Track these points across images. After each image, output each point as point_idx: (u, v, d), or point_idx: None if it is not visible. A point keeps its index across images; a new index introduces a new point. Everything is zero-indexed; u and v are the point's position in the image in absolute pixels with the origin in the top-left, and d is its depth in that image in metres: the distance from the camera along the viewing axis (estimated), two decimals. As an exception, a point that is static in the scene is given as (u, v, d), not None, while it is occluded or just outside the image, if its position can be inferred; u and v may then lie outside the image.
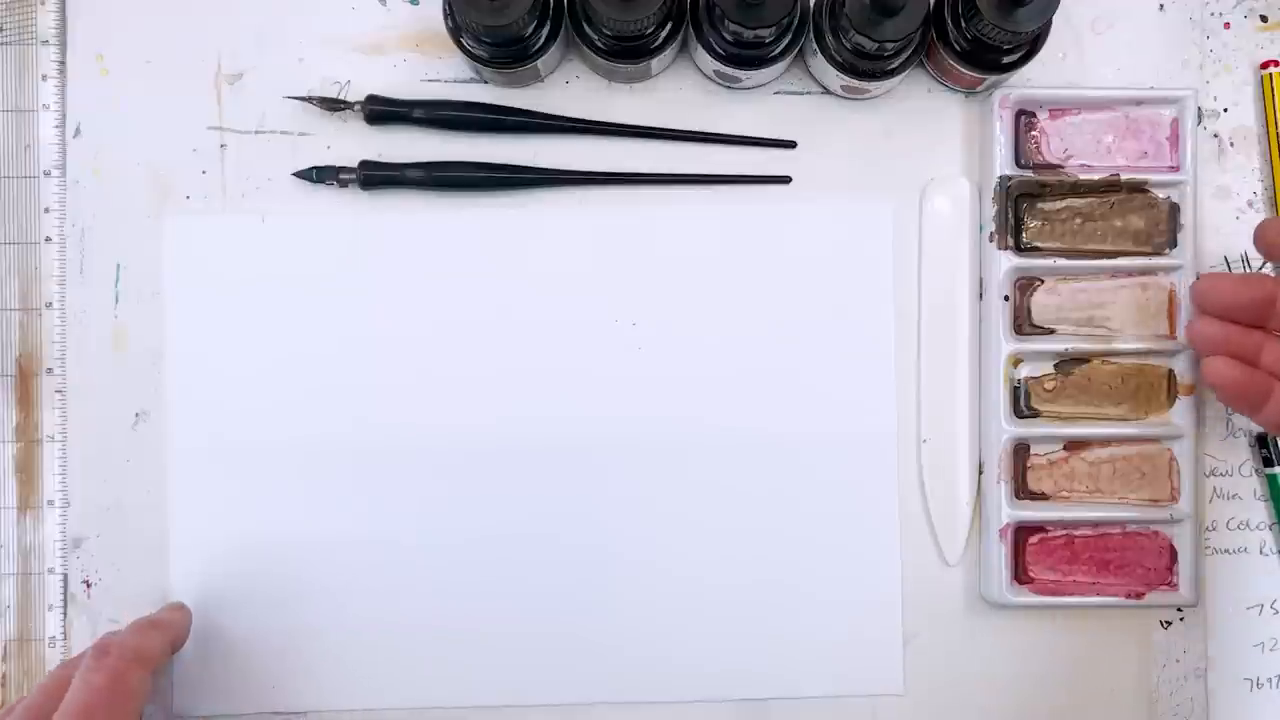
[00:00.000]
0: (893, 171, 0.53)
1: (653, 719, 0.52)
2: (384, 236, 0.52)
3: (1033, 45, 0.49)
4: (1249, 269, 0.53)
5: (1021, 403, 0.52)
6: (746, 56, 0.49)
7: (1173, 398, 0.52)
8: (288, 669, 0.52)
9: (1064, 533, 0.52)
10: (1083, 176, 0.51)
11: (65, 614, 0.52)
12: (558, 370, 0.52)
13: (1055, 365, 0.52)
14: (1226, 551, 0.52)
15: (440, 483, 0.52)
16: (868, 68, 0.49)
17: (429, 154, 0.52)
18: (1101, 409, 0.52)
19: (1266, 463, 0.52)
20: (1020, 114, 0.52)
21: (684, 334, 0.52)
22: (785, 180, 0.53)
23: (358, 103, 0.51)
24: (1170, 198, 0.52)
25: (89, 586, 0.52)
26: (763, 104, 0.53)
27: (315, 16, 0.52)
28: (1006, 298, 0.51)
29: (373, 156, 0.52)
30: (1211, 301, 0.47)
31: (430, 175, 0.51)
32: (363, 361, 0.52)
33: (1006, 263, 0.51)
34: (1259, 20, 0.53)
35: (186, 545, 0.52)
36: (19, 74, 0.52)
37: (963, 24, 0.47)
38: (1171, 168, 0.52)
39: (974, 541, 0.52)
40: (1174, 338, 0.52)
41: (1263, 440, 0.52)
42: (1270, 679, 0.52)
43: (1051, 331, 0.52)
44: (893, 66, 0.49)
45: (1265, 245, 0.47)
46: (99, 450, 0.52)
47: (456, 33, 0.48)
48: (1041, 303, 0.52)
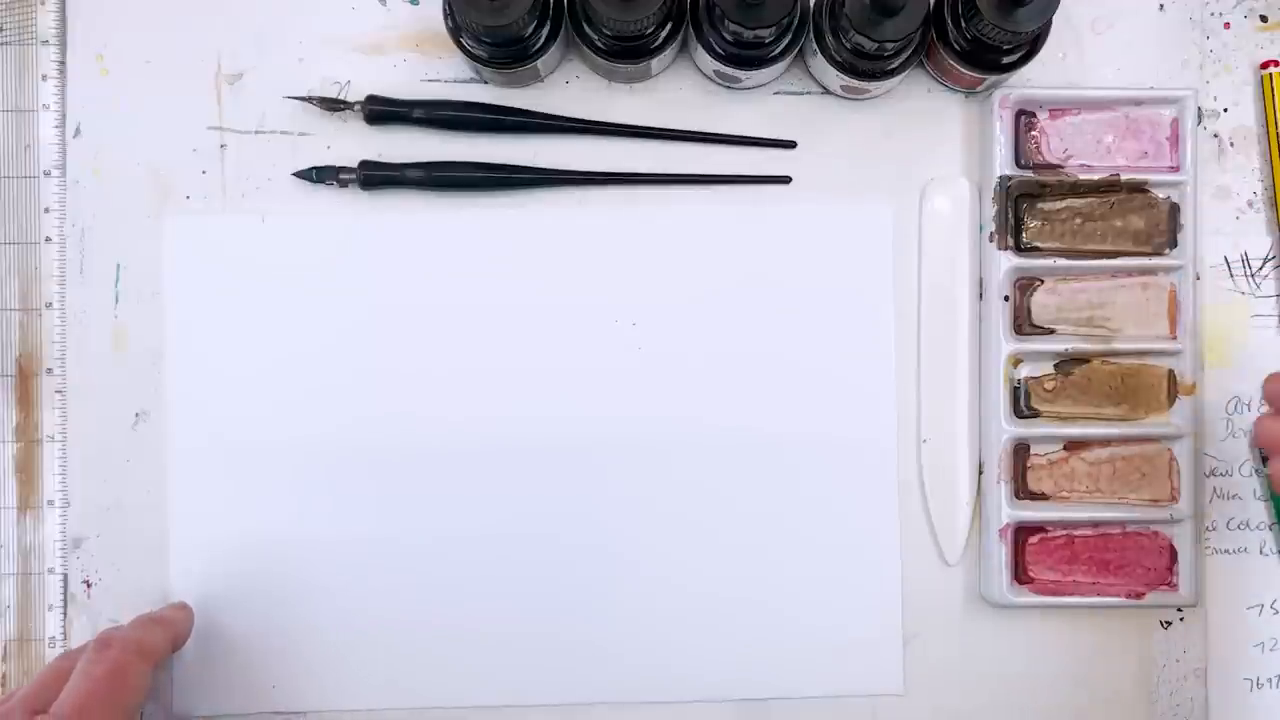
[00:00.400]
0: (893, 172, 0.53)
1: (653, 719, 0.52)
2: (384, 236, 0.52)
3: (1033, 45, 0.49)
4: (1249, 269, 0.53)
5: (1021, 403, 0.52)
6: (746, 56, 0.49)
7: (1173, 398, 0.52)
8: (288, 669, 0.52)
9: (1064, 533, 0.52)
10: (1083, 176, 0.51)
11: (65, 614, 0.52)
12: (558, 370, 0.52)
13: (1055, 365, 0.52)
14: (1226, 551, 0.52)
15: (440, 483, 0.52)
16: (868, 68, 0.49)
17: (429, 154, 0.52)
18: (1101, 409, 0.52)
19: (1266, 463, 0.52)
20: (1020, 114, 0.52)
21: (684, 334, 0.52)
22: (785, 180, 0.53)
23: (358, 103, 0.51)
24: (1170, 198, 0.52)
25: (89, 586, 0.52)
26: (763, 104, 0.53)
27: (315, 16, 0.52)
28: (1006, 298, 0.51)
29: (373, 156, 0.52)
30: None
31: (430, 175, 0.51)
32: (362, 361, 0.52)
33: (1006, 263, 0.51)
34: (1259, 20, 0.53)
35: (186, 545, 0.52)
36: (19, 74, 0.52)
37: (963, 24, 0.47)
38: (1171, 168, 0.52)
39: (974, 541, 0.52)
40: (1174, 337, 0.52)
41: (1263, 440, 0.52)
42: (1270, 679, 0.52)
43: (1051, 331, 0.52)
44: (893, 66, 0.49)
45: (1276, 399, 0.46)
46: (99, 450, 0.52)
47: (456, 33, 0.48)
48: (1041, 303, 0.52)
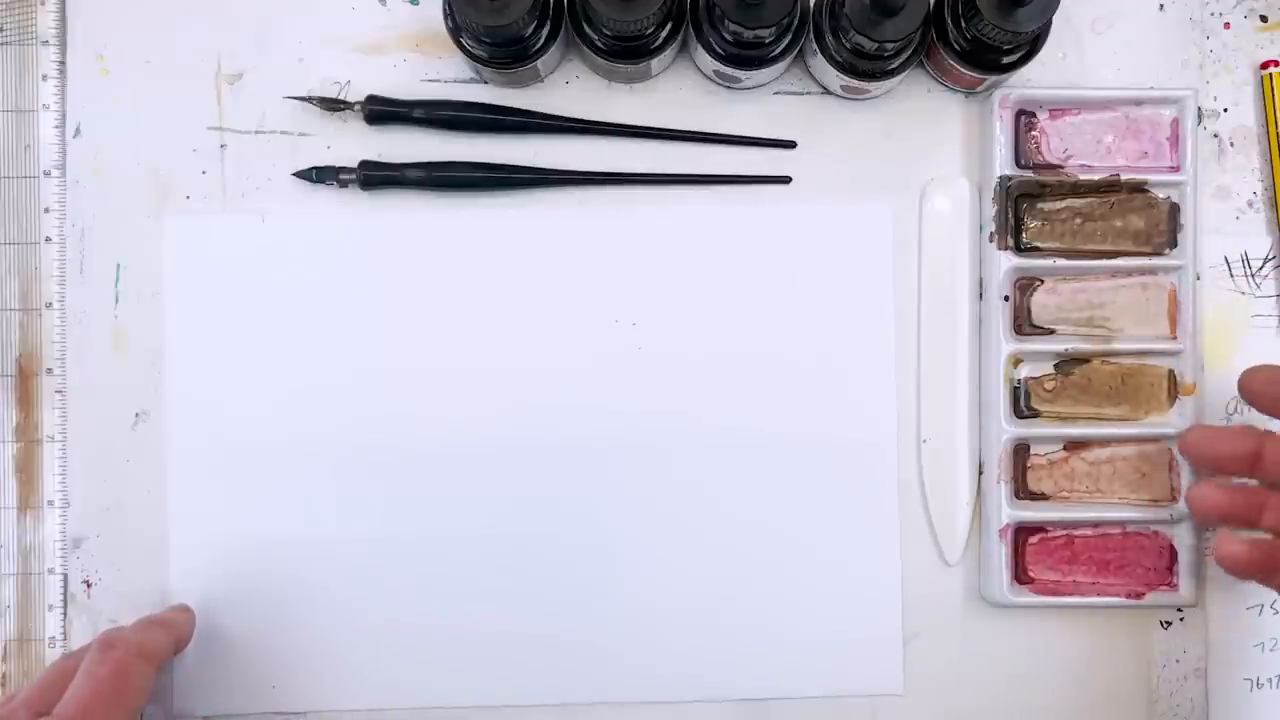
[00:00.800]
0: (893, 171, 0.53)
1: (652, 719, 0.52)
2: (384, 236, 0.52)
3: (1033, 45, 0.49)
4: (1249, 269, 0.53)
5: (1021, 403, 0.52)
6: (746, 56, 0.49)
7: (1173, 398, 0.52)
8: (288, 669, 0.52)
9: (1064, 533, 0.52)
10: (1083, 176, 0.51)
11: (65, 614, 0.52)
12: (558, 370, 0.52)
13: (1055, 365, 0.52)
14: (1226, 551, 0.52)
15: (440, 483, 0.52)
16: (868, 68, 0.49)
17: (429, 154, 0.52)
18: (1101, 409, 0.52)
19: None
20: (1020, 114, 0.52)
21: (684, 334, 0.52)
22: (785, 180, 0.53)
23: (358, 103, 0.51)
24: (1170, 198, 0.52)
25: (89, 586, 0.52)
26: (763, 104, 0.53)
27: (315, 16, 0.52)
28: (1006, 298, 0.51)
29: (373, 156, 0.52)
30: (1198, 455, 0.48)
31: (430, 175, 0.51)
32: (362, 361, 0.52)
33: (1006, 263, 0.51)
34: (1259, 20, 0.53)
35: (186, 545, 0.52)
36: (19, 74, 0.52)
37: (963, 24, 0.47)
38: (1171, 168, 0.52)
39: (974, 541, 0.52)
40: (1174, 337, 0.52)
41: (1263, 440, 0.52)
42: (1270, 679, 0.52)
43: (1051, 331, 0.52)
44: (893, 66, 0.49)
45: (1249, 394, 0.47)
46: (99, 450, 0.52)
47: (456, 33, 0.48)
48: (1041, 303, 0.52)
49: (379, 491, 0.52)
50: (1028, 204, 0.52)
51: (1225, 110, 0.53)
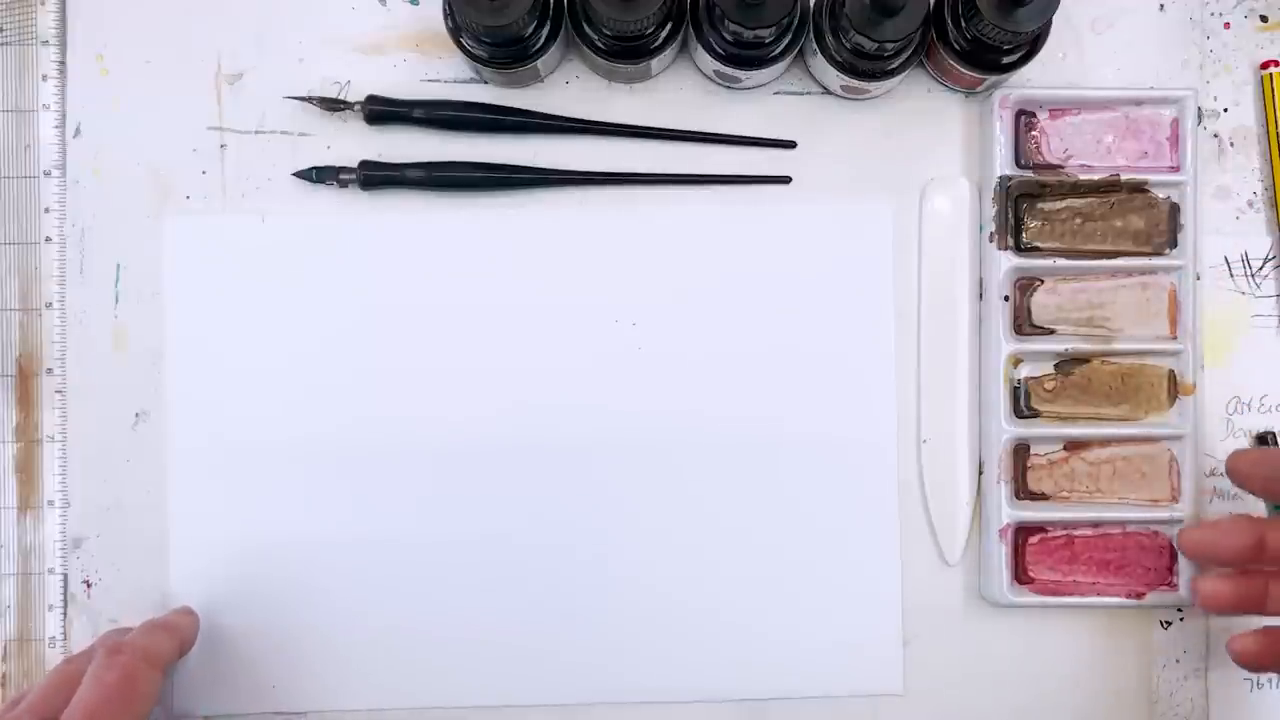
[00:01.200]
0: (893, 171, 0.53)
1: (652, 719, 0.52)
2: (384, 236, 0.52)
3: (1033, 45, 0.49)
4: (1249, 269, 0.53)
5: (1021, 403, 0.52)
6: (746, 56, 0.49)
7: (1173, 398, 0.52)
8: (288, 669, 0.52)
9: (1064, 533, 0.52)
10: (1083, 176, 0.51)
11: (65, 614, 0.52)
12: (558, 370, 0.52)
13: (1055, 365, 0.52)
14: (1226, 551, 0.52)
15: (440, 483, 0.52)
16: (868, 68, 0.49)
17: (429, 154, 0.52)
18: (1101, 409, 0.52)
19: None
20: (1020, 114, 0.52)
21: (684, 334, 0.52)
22: (785, 180, 0.53)
23: (358, 103, 0.51)
24: (1170, 198, 0.52)
25: (89, 586, 0.52)
26: (763, 104, 0.53)
27: (315, 17, 0.52)
28: (1006, 298, 0.51)
29: (373, 156, 0.52)
30: (1201, 556, 0.47)
31: (430, 175, 0.51)
32: (362, 361, 0.52)
33: (1006, 263, 0.51)
34: (1259, 20, 0.53)
35: (186, 545, 0.52)
36: (19, 74, 0.52)
37: (963, 24, 0.47)
38: (1171, 168, 0.52)
39: (974, 541, 0.52)
40: (1174, 337, 0.52)
41: (1262, 440, 0.52)
42: (1270, 679, 0.52)
43: (1051, 331, 0.52)
44: (893, 66, 0.49)
45: (1239, 478, 0.47)
46: (99, 450, 0.52)
47: (456, 33, 0.48)
48: (1041, 303, 0.52)
49: (379, 491, 0.52)
50: (1028, 204, 0.52)
51: (1225, 110, 0.53)
